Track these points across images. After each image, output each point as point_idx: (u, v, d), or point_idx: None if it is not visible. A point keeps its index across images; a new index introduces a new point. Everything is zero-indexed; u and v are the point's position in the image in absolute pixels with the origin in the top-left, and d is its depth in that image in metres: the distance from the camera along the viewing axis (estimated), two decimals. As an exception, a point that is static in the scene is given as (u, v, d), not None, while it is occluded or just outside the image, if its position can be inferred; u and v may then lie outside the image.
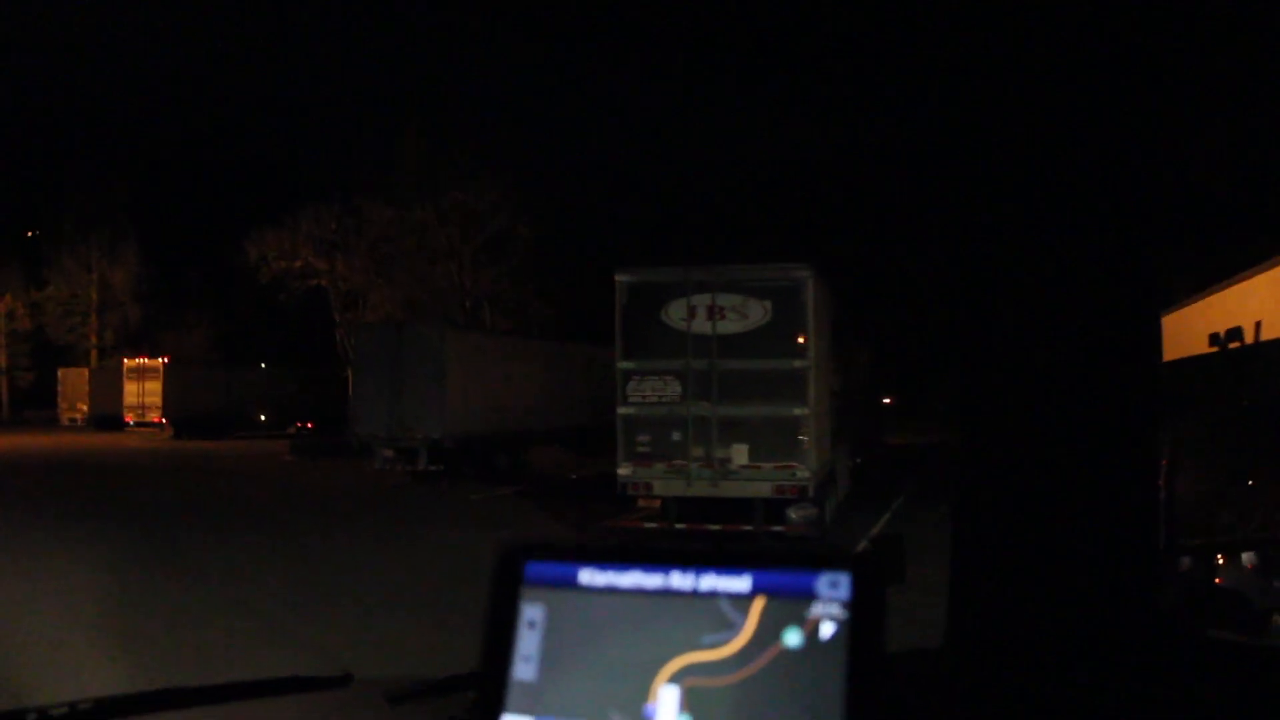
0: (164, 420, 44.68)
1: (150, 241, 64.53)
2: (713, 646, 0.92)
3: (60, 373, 54.42)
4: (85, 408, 52.00)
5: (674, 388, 12.30)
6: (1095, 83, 1.34)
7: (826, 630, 0.91)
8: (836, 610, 0.91)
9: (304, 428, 48.57)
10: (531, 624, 0.97)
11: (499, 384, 23.25)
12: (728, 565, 0.95)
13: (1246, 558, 4.18)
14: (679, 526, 12.26)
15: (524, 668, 0.96)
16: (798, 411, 11.97)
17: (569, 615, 0.97)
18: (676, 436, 12.29)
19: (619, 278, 12.48)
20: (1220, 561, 4.28)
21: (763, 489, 11.99)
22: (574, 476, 24.61)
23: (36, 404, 65.66)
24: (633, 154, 55.68)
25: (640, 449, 12.38)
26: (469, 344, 22.49)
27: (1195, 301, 6.95)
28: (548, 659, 0.96)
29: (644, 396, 12.35)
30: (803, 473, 11.95)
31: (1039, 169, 1.38)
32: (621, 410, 12.51)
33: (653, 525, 12.46)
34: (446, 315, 37.95)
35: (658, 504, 12.49)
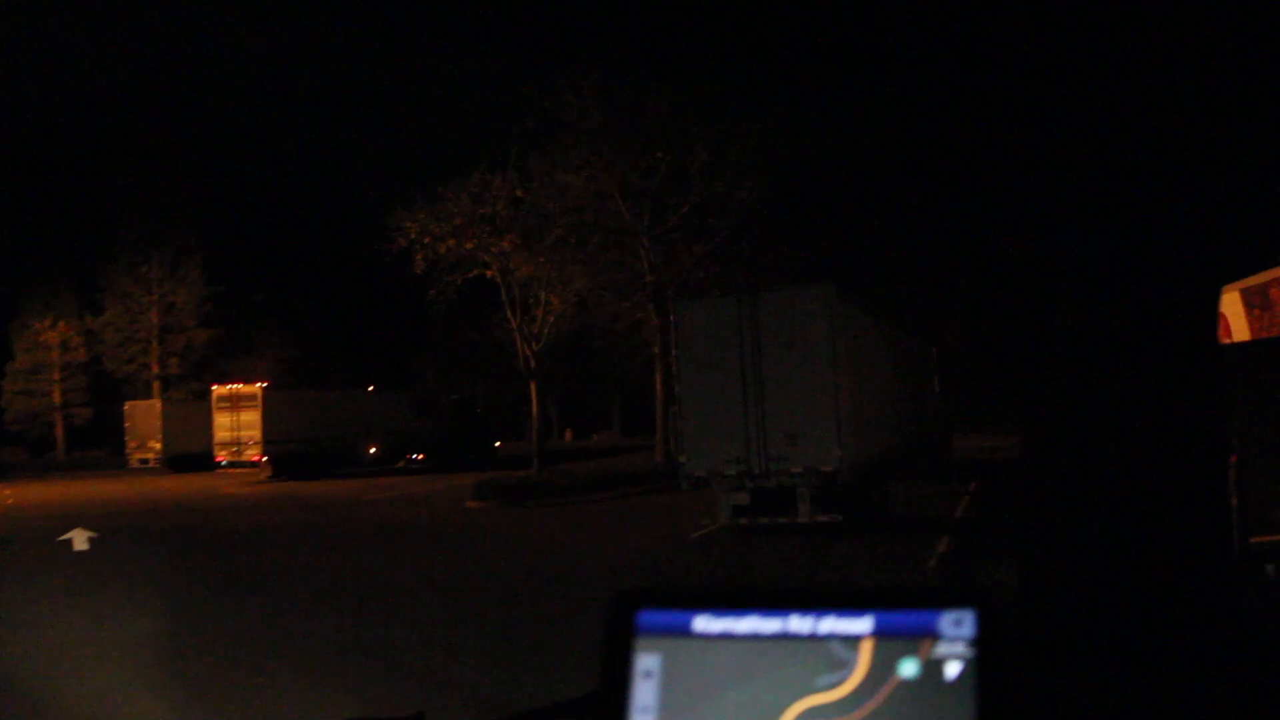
0: (265, 458, 36.66)
1: (214, 258, 57.06)
2: (828, 688, 0.88)
3: (127, 407, 46.28)
4: (159, 446, 43.92)
5: None
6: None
7: (952, 670, 0.86)
8: (962, 649, 0.86)
9: (413, 460, 41.00)
10: (647, 674, 0.93)
11: (885, 387, 15.28)
12: (848, 607, 0.91)
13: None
14: None
15: (642, 719, 0.92)
16: None
17: (685, 664, 0.93)
18: None
19: None
20: None
21: None
22: (957, 515, 16.63)
23: (94, 443, 58.15)
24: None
25: None
26: (858, 325, 14.44)
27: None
28: (666, 709, 0.92)
29: None
30: None
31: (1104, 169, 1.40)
32: None
33: None
34: (629, 308, 30.16)
35: None
